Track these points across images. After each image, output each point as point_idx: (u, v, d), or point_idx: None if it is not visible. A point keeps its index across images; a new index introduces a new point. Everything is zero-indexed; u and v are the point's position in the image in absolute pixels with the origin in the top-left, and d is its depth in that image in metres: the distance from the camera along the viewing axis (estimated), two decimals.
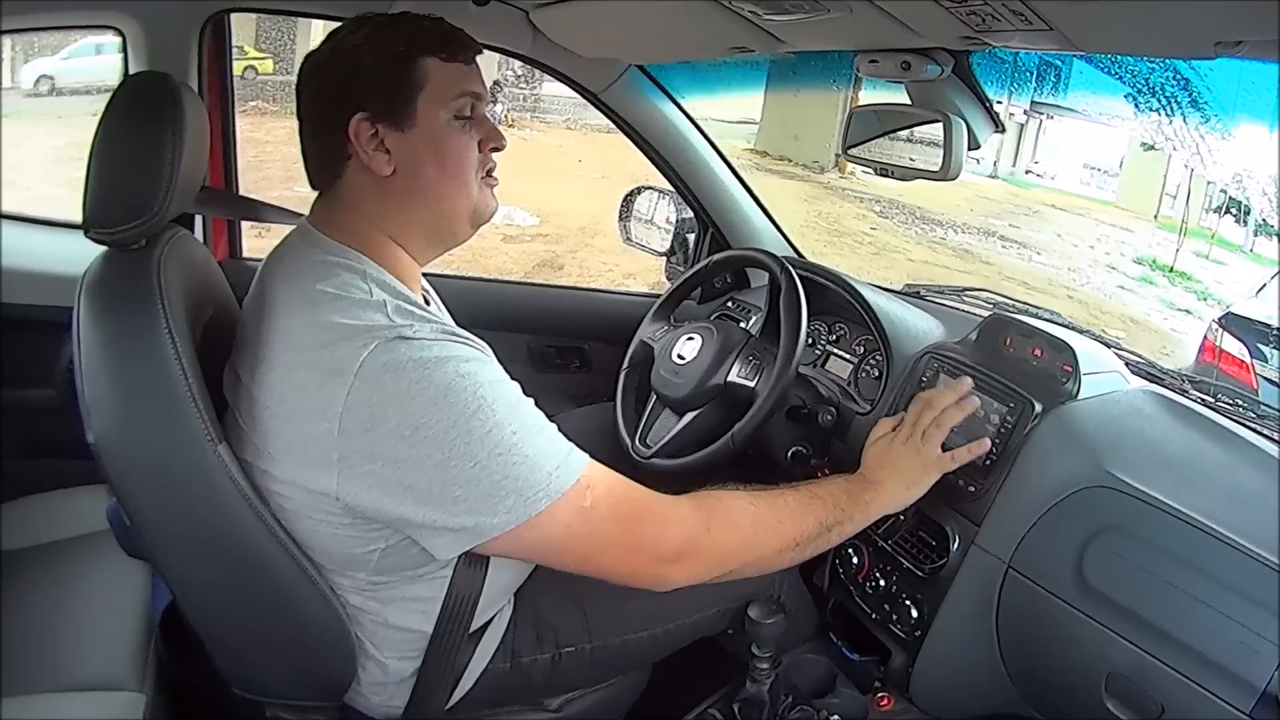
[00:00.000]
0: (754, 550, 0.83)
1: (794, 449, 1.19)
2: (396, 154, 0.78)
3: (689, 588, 0.90)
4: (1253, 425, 0.96)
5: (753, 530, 0.83)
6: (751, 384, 1.13)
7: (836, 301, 1.29)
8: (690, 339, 1.19)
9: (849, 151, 1.17)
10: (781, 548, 0.84)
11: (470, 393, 0.71)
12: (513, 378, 0.77)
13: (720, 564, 0.81)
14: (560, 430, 0.77)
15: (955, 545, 0.97)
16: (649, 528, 0.78)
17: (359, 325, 0.72)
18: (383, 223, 0.81)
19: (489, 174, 0.84)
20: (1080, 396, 0.97)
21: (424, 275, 0.97)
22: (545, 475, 0.72)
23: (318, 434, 0.72)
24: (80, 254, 0.81)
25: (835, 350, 1.34)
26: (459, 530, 0.72)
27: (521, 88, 9.66)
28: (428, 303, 0.88)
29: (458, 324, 0.97)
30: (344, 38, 0.79)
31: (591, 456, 1.21)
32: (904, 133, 1.11)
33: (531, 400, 0.77)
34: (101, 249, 0.81)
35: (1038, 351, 1.03)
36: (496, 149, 0.83)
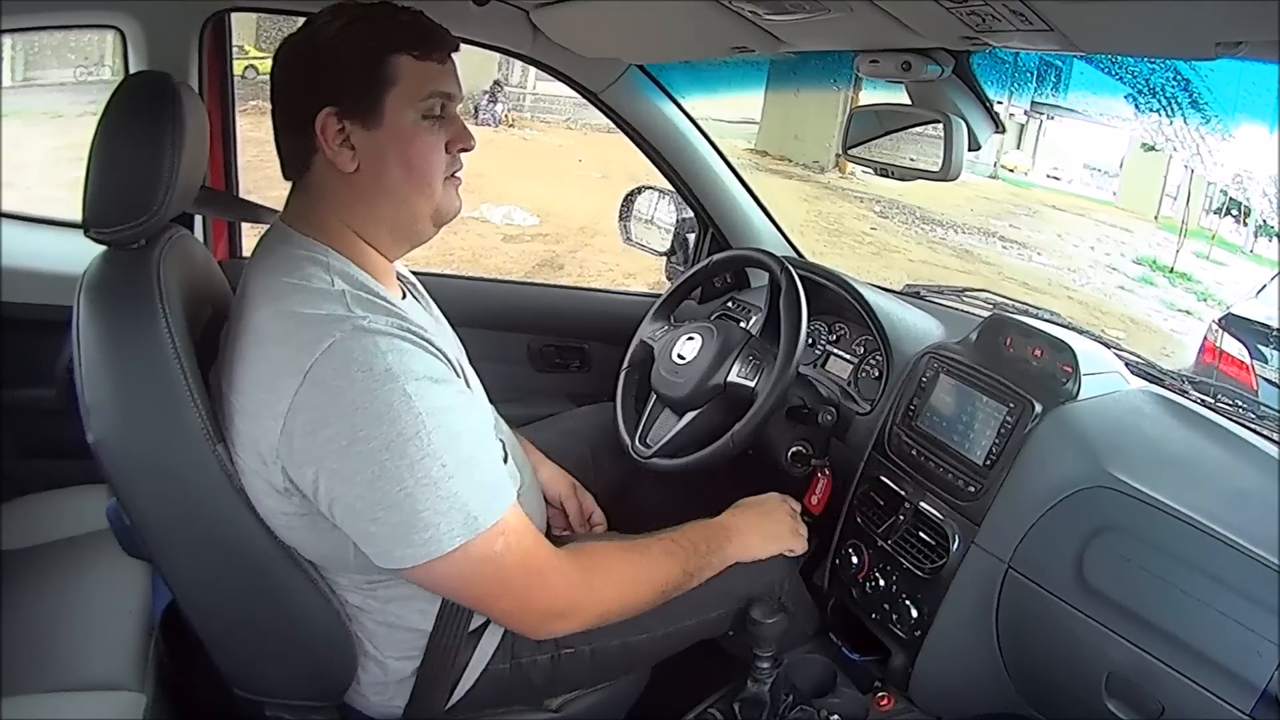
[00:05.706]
0: (630, 603, 0.86)
1: (794, 449, 1.20)
2: (362, 151, 0.77)
3: (691, 590, 0.92)
4: (1252, 426, 0.96)
5: (630, 584, 0.86)
6: (751, 384, 1.13)
7: (836, 301, 1.29)
8: (690, 339, 1.19)
9: (849, 151, 1.17)
10: (652, 597, 0.87)
11: (411, 416, 0.70)
12: (513, 378, 0.76)
13: (598, 619, 0.84)
14: (560, 430, 0.77)
15: (955, 545, 0.97)
16: (544, 584, 0.79)
17: (316, 315, 0.72)
18: (349, 218, 0.80)
19: (453, 175, 0.83)
20: (1080, 397, 0.97)
21: (418, 275, 0.97)
22: (464, 516, 0.72)
23: (266, 431, 0.72)
24: (80, 253, 0.81)
25: (835, 350, 1.34)
26: (373, 553, 0.73)
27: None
28: (405, 296, 0.87)
29: (458, 324, 0.97)
30: (320, 27, 0.78)
31: (591, 456, 1.23)
32: (904, 133, 1.11)
33: (481, 427, 0.77)
34: (101, 248, 0.81)
35: (1038, 352, 1.03)
36: (465, 150, 0.82)
